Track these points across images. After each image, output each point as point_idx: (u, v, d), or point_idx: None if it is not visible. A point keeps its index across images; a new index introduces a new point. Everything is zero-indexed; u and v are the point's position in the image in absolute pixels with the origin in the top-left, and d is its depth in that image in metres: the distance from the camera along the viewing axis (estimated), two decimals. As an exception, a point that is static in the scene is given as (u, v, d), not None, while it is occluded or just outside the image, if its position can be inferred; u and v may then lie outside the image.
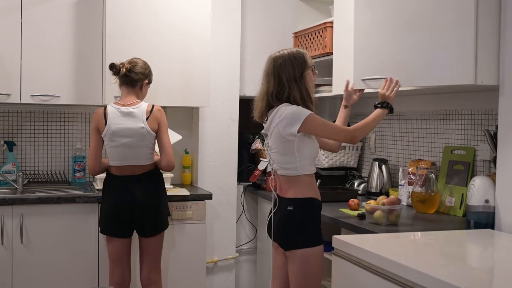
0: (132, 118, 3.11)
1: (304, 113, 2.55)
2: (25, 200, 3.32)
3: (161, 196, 3.21)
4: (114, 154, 3.13)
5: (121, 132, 3.11)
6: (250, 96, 4.17)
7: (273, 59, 2.67)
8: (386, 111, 2.79)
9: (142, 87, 3.22)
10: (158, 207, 3.18)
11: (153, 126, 3.14)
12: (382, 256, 2.02)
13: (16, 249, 3.30)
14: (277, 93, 2.63)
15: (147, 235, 3.18)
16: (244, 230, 4.28)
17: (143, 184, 3.14)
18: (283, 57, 2.65)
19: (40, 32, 3.58)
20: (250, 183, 4.18)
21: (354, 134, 2.66)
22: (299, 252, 2.56)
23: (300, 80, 2.63)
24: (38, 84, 3.58)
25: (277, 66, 2.64)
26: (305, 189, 2.62)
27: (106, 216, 3.16)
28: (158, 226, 3.19)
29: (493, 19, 2.55)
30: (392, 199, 2.80)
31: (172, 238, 3.56)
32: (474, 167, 3.03)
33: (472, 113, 3.09)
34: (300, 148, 2.58)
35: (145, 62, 3.25)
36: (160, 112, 3.17)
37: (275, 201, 2.69)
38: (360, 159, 4.06)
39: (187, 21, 3.73)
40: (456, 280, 1.72)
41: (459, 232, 2.60)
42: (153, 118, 3.13)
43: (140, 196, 3.11)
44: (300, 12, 4.35)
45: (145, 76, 3.21)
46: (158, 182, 3.22)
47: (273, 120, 2.61)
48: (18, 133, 3.89)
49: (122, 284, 3.21)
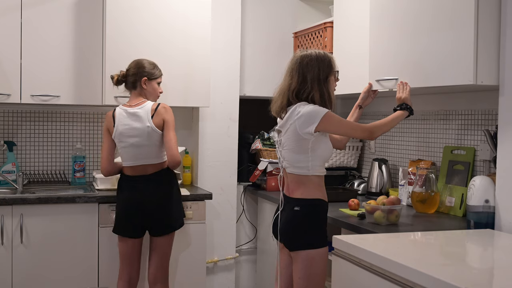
0: (137, 118, 3.13)
1: (321, 112, 2.56)
2: (25, 200, 3.32)
3: (171, 196, 3.19)
4: (125, 154, 3.17)
5: (128, 132, 3.14)
6: (250, 96, 4.19)
7: (300, 57, 2.67)
8: (406, 113, 2.83)
9: (143, 85, 3.20)
10: (168, 206, 3.17)
11: (159, 124, 3.13)
12: (382, 256, 2.02)
13: (16, 249, 3.30)
14: (298, 91, 2.63)
15: (156, 234, 3.20)
16: (244, 230, 4.28)
17: (154, 183, 3.15)
18: (310, 56, 2.65)
19: (40, 32, 3.58)
20: (250, 183, 4.18)
21: (372, 130, 2.69)
22: (303, 253, 2.56)
23: (324, 83, 2.64)
24: (38, 84, 3.57)
25: (304, 64, 2.64)
26: (313, 190, 2.62)
27: (118, 216, 3.22)
28: (168, 226, 3.19)
29: (493, 19, 2.55)
30: (392, 199, 2.80)
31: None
32: (474, 167, 3.03)
33: (472, 113, 3.09)
34: (314, 148, 2.59)
35: (138, 61, 3.24)
36: (165, 109, 3.16)
37: (282, 201, 2.70)
38: (360, 159, 4.06)
39: (187, 21, 3.73)
40: (456, 280, 1.72)
41: (459, 232, 2.60)
42: (158, 116, 3.13)
43: (149, 195, 3.13)
44: (300, 12, 4.35)
45: (139, 74, 3.19)
46: (169, 181, 3.20)
47: (290, 117, 2.61)
48: (18, 133, 3.89)
49: (130, 282, 3.23)
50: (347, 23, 3.52)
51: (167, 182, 3.20)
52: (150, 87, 3.23)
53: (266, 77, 4.18)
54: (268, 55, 4.22)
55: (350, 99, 4.16)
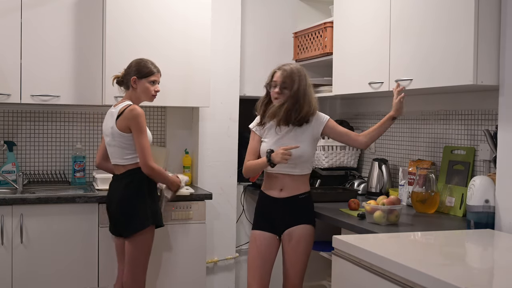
0: (110, 118, 3.15)
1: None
2: (25, 200, 3.32)
3: (133, 196, 3.10)
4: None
5: (104, 131, 3.23)
6: (250, 96, 4.19)
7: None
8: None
9: (133, 85, 3.16)
10: (127, 208, 3.10)
11: (122, 126, 3.06)
12: (382, 256, 2.02)
13: (16, 249, 3.30)
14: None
15: (118, 234, 3.19)
16: (244, 230, 4.28)
17: (120, 184, 3.14)
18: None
19: (40, 32, 3.57)
20: (250, 183, 4.17)
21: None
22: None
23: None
24: (38, 84, 3.57)
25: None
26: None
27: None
28: (125, 228, 3.11)
29: (493, 19, 2.55)
30: (392, 199, 2.80)
31: (172, 238, 3.56)
32: (474, 167, 3.03)
33: (472, 113, 3.09)
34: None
35: (133, 61, 3.21)
36: (131, 112, 3.04)
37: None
38: (360, 159, 4.05)
39: (187, 22, 3.73)
40: (456, 280, 1.72)
41: (459, 232, 2.60)
42: (122, 119, 3.06)
43: (114, 195, 3.16)
44: (300, 12, 4.35)
45: (129, 74, 3.17)
46: (134, 182, 3.10)
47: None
48: (18, 133, 3.89)
49: (120, 281, 3.24)
50: (347, 23, 3.52)
51: (133, 184, 3.10)
52: (141, 86, 3.15)
53: (266, 77, 4.17)
54: (268, 55, 4.22)
55: (350, 99, 4.16)
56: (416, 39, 2.87)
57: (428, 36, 2.79)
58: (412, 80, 2.89)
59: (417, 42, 2.86)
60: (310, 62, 4.01)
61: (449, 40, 2.66)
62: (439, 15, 2.73)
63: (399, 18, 3.00)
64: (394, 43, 3.04)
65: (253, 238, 3.10)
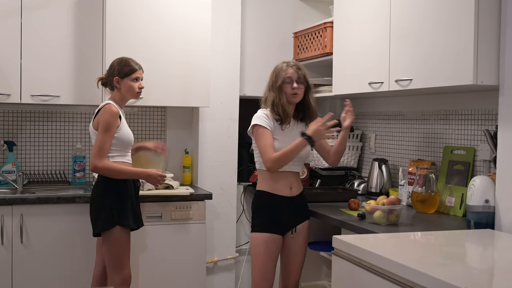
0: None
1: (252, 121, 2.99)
2: (25, 200, 3.32)
3: (99, 197, 3.09)
4: None
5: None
6: (250, 96, 4.18)
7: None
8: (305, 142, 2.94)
9: (116, 85, 3.13)
10: (95, 206, 3.10)
11: (95, 124, 3.06)
12: (382, 256, 2.02)
13: (16, 249, 3.30)
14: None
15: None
16: (244, 230, 4.28)
17: (95, 183, 3.15)
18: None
19: (41, 32, 3.58)
20: (250, 183, 4.17)
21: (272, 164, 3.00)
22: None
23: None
24: (38, 84, 3.57)
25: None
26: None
27: None
28: (94, 226, 3.12)
29: (493, 19, 2.55)
30: (392, 199, 2.80)
31: (172, 238, 3.56)
32: (474, 167, 3.03)
33: (472, 113, 3.09)
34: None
35: (112, 62, 3.19)
36: (104, 110, 3.04)
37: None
38: (360, 159, 4.05)
39: (187, 22, 3.73)
40: (456, 280, 1.72)
41: (459, 232, 2.60)
42: (96, 117, 3.07)
43: (91, 194, 3.16)
44: (300, 12, 4.35)
45: (111, 74, 3.14)
46: (103, 182, 3.09)
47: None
48: (18, 133, 3.89)
49: (97, 269, 3.27)
50: (347, 23, 3.52)
51: (101, 184, 3.09)
52: (124, 86, 3.13)
53: (266, 77, 4.13)
54: (268, 55, 4.21)
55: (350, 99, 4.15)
56: (416, 39, 2.87)
57: (428, 36, 2.79)
58: (412, 80, 2.89)
59: (417, 42, 2.86)
60: (310, 62, 4.01)
61: (449, 39, 2.66)
62: (439, 15, 2.73)
63: (399, 18, 3.01)
64: (394, 43, 3.04)
65: (263, 241, 3.00)
